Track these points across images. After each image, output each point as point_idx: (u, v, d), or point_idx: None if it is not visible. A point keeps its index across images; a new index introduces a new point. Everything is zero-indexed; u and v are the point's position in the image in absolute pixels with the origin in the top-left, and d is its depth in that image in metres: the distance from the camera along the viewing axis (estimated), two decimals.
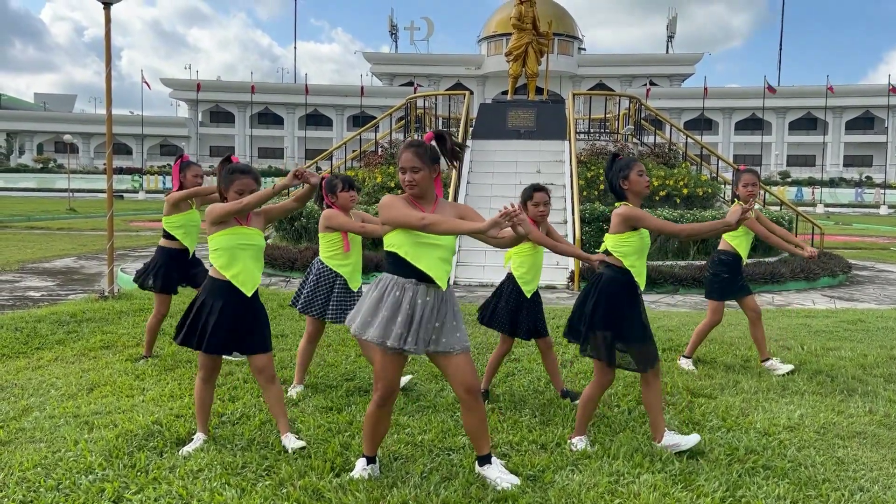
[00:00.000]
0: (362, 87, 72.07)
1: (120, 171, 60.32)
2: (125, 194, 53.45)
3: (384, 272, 3.42)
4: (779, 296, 10.40)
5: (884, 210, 49.22)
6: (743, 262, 5.92)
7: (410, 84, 66.98)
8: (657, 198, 13.05)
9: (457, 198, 12.35)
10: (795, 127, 73.61)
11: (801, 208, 17.94)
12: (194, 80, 72.56)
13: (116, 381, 5.17)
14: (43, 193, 53.89)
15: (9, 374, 5.36)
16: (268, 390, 3.97)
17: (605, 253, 4.06)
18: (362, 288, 5.04)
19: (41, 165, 69.07)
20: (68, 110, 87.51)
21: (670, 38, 78.59)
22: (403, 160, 3.35)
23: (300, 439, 3.92)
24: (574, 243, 10.57)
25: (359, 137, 17.29)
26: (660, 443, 3.96)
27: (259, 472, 3.59)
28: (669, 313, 8.59)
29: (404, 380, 5.05)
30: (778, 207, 16.01)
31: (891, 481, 3.64)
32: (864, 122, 72.27)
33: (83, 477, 3.48)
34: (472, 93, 16.55)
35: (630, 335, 3.91)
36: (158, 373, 5.45)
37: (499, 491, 3.35)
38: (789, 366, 5.72)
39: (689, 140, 16.13)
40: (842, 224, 32.98)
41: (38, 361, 5.75)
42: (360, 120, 62.21)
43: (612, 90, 58.17)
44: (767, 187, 15.90)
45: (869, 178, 63.77)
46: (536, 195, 4.79)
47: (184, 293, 6.06)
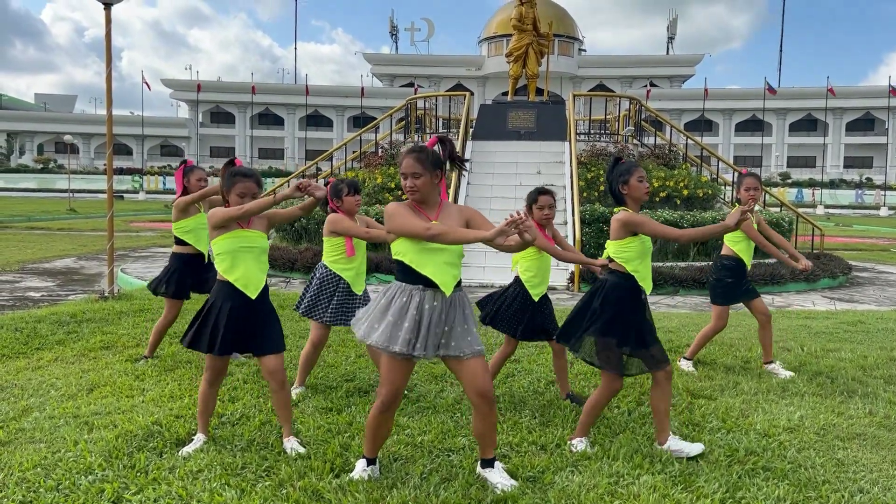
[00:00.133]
0: (363, 88, 72.16)
1: (120, 171, 60.35)
2: (125, 195, 53.44)
3: (394, 280, 3.42)
4: (779, 297, 10.40)
5: (884, 211, 49.21)
6: (747, 267, 5.85)
7: (411, 85, 67.03)
8: (657, 199, 13.06)
9: (457, 199, 12.34)
10: (796, 128, 73.64)
11: (801, 210, 17.95)
12: (195, 81, 72.66)
13: (116, 382, 5.17)
14: (43, 194, 53.88)
15: (9, 375, 5.36)
16: (277, 394, 3.97)
17: (608, 260, 4.03)
18: (367, 291, 5.06)
19: (41, 166, 69.10)
20: (69, 111, 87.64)
21: (670, 40, 78.70)
22: (404, 166, 3.33)
23: (302, 445, 3.91)
24: (574, 244, 10.57)
25: (359, 138, 17.30)
26: (662, 446, 3.95)
27: (259, 472, 3.59)
28: (669, 314, 8.59)
29: None
30: (778, 209, 16.01)
31: (891, 483, 3.64)
32: (865, 123, 72.30)
33: (83, 477, 3.48)
34: (472, 94, 16.55)
35: (636, 340, 3.89)
36: (158, 373, 5.45)
37: (499, 492, 3.36)
38: (790, 373, 5.70)
39: (690, 141, 16.14)
40: (842, 225, 32.97)
41: (38, 362, 5.75)
42: (361, 121, 62.27)
43: (613, 91, 58.22)
44: (768, 188, 15.89)
45: (869, 179, 63.77)
46: (541, 198, 4.76)
47: (194, 297, 6.06)
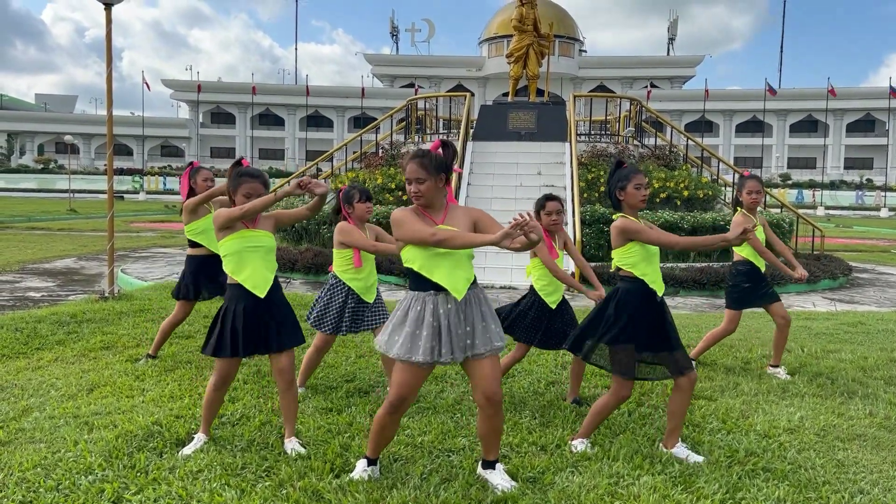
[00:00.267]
0: (363, 89, 72.15)
1: (120, 171, 60.33)
2: (126, 195, 53.44)
3: (408, 288, 3.42)
4: None
5: (884, 213, 49.19)
6: (761, 269, 5.80)
7: (411, 85, 67.00)
8: (657, 200, 13.06)
9: (457, 200, 12.34)
10: (796, 129, 73.62)
11: (801, 211, 17.94)
12: (195, 82, 72.67)
13: (116, 382, 5.17)
14: (43, 194, 53.88)
15: (9, 375, 5.36)
16: (284, 394, 3.97)
17: (617, 269, 3.99)
18: (380, 297, 5.06)
19: (42, 166, 69.12)
20: (69, 111, 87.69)
21: (671, 41, 78.67)
22: (409, 172, 3.32)
23: (303, 446, 3.91)
24: (574, 245, 10.54)
25: (359, 139, 17.30)
26: (669, 450, 3.93)
27: (259, 472, 3.59)
28: None
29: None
30: (778, 210, 16.01)
31: (891, 484, 3.64)
32: (865, 124, 72.28)
33: (83, 477, 3.48)
34: (472, 94, 16.53)
35: (657, 343, 3.85)
36: (158, 374, 5.45)
37: (499, 493, 3.36)
38: (790, 377, 5.69)
39: (690, 142, 16.14)
40: (842, 227, 32.95)
41: (38, 362, 5.75)
42: (361, 121, 62.36)
43: (613, 92, 58.18)
44: (768, 190, 15.88)
45: (869, 180, 63.76)
46: (549, 204, 4.74)
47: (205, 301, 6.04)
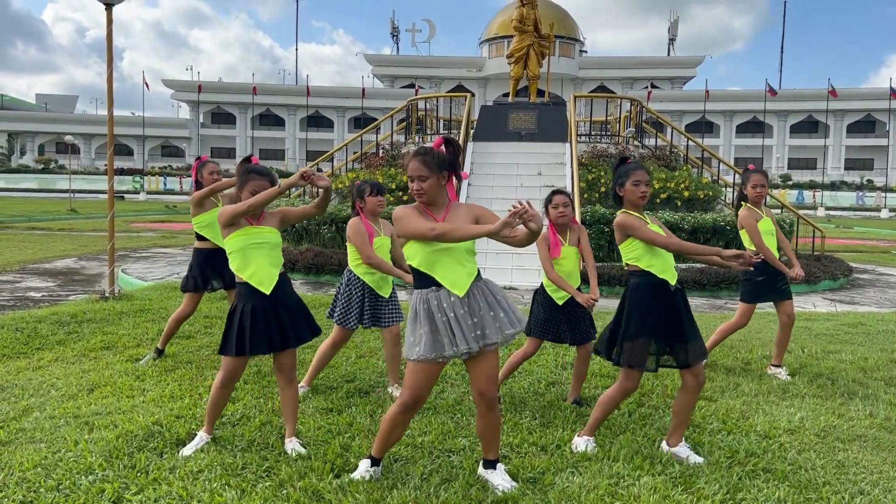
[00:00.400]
0: (363, 89, 72.10)
1: (121, 172, 60.30)
2: (126, 195, 53.40)
3: (413, 288, 3.43)
4: None
5: (885, 213, 49.16)
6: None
7: (412, 86, 67.00)
8: (658, 200, 13.05)
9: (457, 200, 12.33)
10: (796, 130, 73.64)
11: (801, 211, 17.94)
12: (195, 82, 72.67)
13: (117, 382, 5.17)
14: (44, 194, 53.86)
15: (9, 375, 5.37)
16: (285, 391, 3.98)
17: (626, 265, 3.99)
18: (395, 293, 5.07)
19: (42, 166, 69.13)
20: (70, 111, 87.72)
21: (671, 41, 78.70)
22: (410, 169, 3.33)
23: (303, 446, 3.91)
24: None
25: (360, 139, 17.31)
26: (671, 448, 3.93)
27: (259, 473, 3.59)
28: None
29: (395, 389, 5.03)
30: (779, 210, 16.00)
31: (891, 484, 3.64)
32: (866, 125, 72.29)
33: (83, 477, 3.48)
34: (473, 95, 16.52)
35: (671, 333, 3.82)
36: (159, 374, 5.45)
37: (499, 493, 3.36)
38: (790, 377, 5.70)
39: (690, 143, 16.13)
40: (843, 227, 32.95)
41: (39, 362, 5.75)
42: (362, 122, 62.27)
43: (614, 92, 58.15)
44: (769, 190, 15.89)
45: (870, 181, 63.74)
46: (556, 198, 4.74)
47: (211, 298, 6.04)
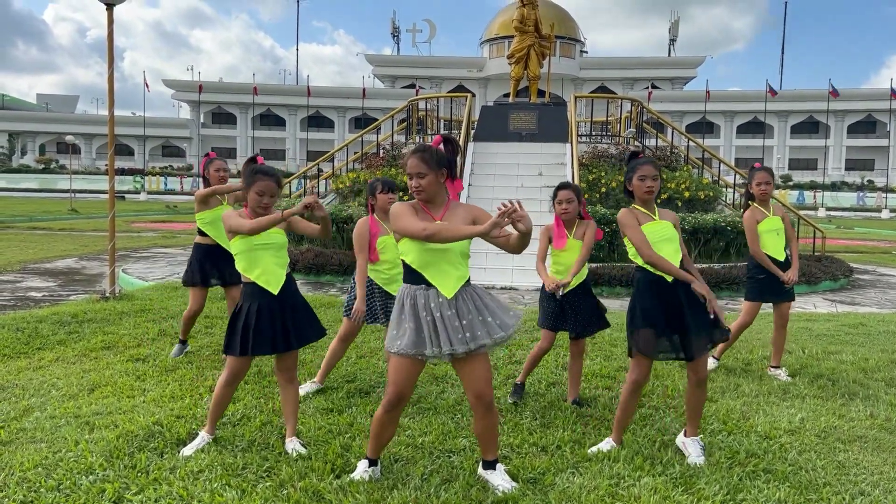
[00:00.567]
0: (364, 89, 72.11)
1: (122, 172, 60.31)
2: (127, 195, 53.43)
3: (403, 282, 3.43)
4: None
5: (885, 214, 49.13)
6: (779, 260, 5.75)
7: (412, 86, 66.99)
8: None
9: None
10: (797, 130, 73.60)
11: (802, 212, 17.93)
12: (196, 82, 72.64)
13: (117, 382, 5.17)
14: (45, 194, 53.90)
15: (10, 375, 5.37)
16: (286, 391, 3.99)
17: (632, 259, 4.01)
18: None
19: (43, 166, 69.15)
20: (70, 111, 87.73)
21: (672, 41, 78.70)
22: (409, 166, 3.33)
23: (304, 446, 3.91)
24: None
25: (360, 139, 17.30)
26: (686, 437, 3.98)
27: (260, 473, 3.59)
28: None
29: None
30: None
31: (892, 485, 3.64)
32: (867, 125, 72.24)
33: (84, 477, 3.48)
34: (473, 95, 16.53)
35: (675, 327, 3.84)
36: (159, 374, 5.45)
37: (499, 494, 3.36)
38: (790, 378, 5.69)
39: (691, 143, 16.13)
40: (843, 228, 32.93)
41: (39, 362, 5.75)
42: (362, 122, 62.22)
43: (614, 93, 58.17)
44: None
45: (871, 181, 63.70)
46: (560, 193, 4.71)
47: (211, 298, 6.07)
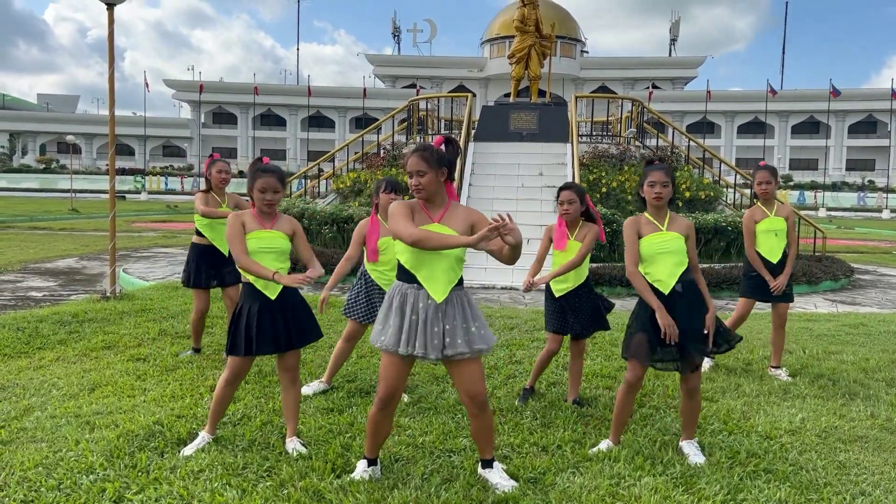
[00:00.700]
0: (364, 89, 72.13)
1: (122, 171, 60.33)
2: (127, 195, 53.41)
3: (395, 279, 3.44)
4: None
5: (886, 214, 49.09)
6: (772, 262, 5.76)
7: (413, 86, 67.00)
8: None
9: (458, 200, 12.34)
10: (798, 130, 73.57)
11: (803, 212, 17.90)
12: (197, 82, 72.67)
13: (118, 382, 5.17)
14: (45, 194, 53.88)
15: (10, 374, 5.37)
16: (288, 391, 3.99)
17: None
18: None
19: (44, 166, 69.18)
20: (71, 111, 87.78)
21: (673, 42, 78.68)
22: (410, 165, 3.34)
23: (304, 446, 3.91)
24: None
25: (361, 139, 17.30)
26: (682, 442, 3.99)
27: (260, 472, 3.59)
28: None
29: None
30: None
31: (892, 485, 3.64)
32: (867, 126, 72.19)
33: (84, 477, 3.48)
34: (474, 95, 16.52)
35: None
36: (159, 373, 5.45)
37: (499, 493, 3.36)
38: (790, 378, 5.69)
39: (692, 143, 16.12)
40: (844, 228, 32.91)
41: (40, 361, 5.76)
42: (363, 122, 62.32)
43: (615, 93, 58.14)
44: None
45: (871, 182, 63.69)
46: (562, 194, 4.73)
47: (211, 298, 6.09)
